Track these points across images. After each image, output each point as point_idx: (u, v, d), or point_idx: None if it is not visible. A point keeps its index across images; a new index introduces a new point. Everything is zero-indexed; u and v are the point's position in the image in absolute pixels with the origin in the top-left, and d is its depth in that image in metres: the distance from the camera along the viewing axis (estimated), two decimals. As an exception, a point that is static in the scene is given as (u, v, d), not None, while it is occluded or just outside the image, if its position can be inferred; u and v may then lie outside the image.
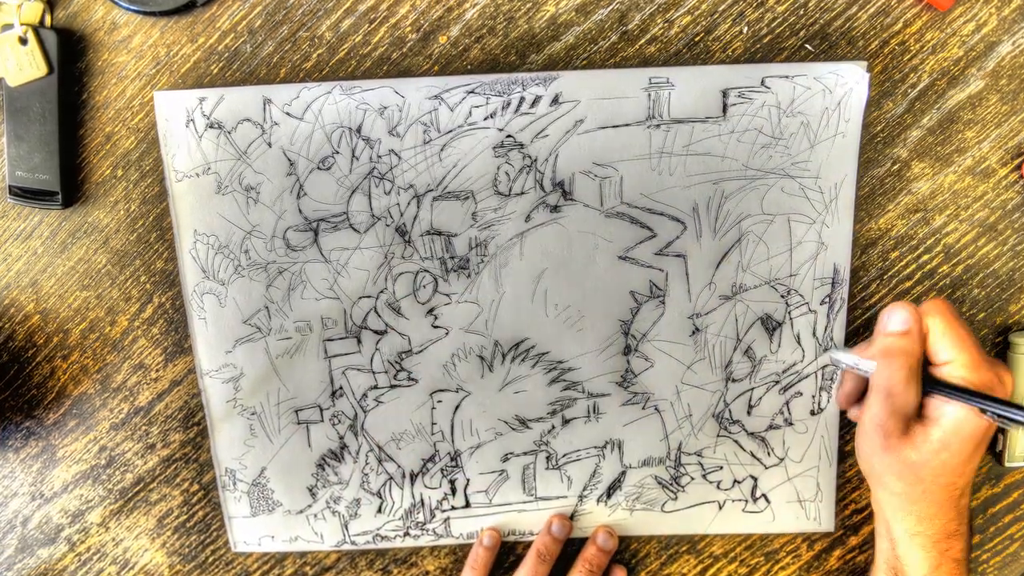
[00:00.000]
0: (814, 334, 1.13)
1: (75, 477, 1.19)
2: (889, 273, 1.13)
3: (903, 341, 1.01)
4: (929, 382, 1.01)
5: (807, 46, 1.07)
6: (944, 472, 0.99)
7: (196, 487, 1.19)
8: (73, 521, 1.20)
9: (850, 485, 1.19)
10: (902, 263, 1.12)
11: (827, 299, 1.12)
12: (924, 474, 1.00)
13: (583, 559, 1.19)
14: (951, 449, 0.98)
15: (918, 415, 1.01)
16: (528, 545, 1.20)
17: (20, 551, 1.21)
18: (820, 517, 1.20)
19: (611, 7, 1.06)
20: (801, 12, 1.06)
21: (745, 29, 1.07)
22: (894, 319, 1.03)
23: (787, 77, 1.06)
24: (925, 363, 1.02)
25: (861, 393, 1.11)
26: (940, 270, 1.12)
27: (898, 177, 1.10)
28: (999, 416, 0.95)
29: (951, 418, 0.98)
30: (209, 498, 1.19)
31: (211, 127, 1.08)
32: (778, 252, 1.10)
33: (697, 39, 1.07)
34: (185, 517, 1.20)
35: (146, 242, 1.12)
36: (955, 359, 0.99)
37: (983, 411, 0.96)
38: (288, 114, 1.07)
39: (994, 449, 1.17)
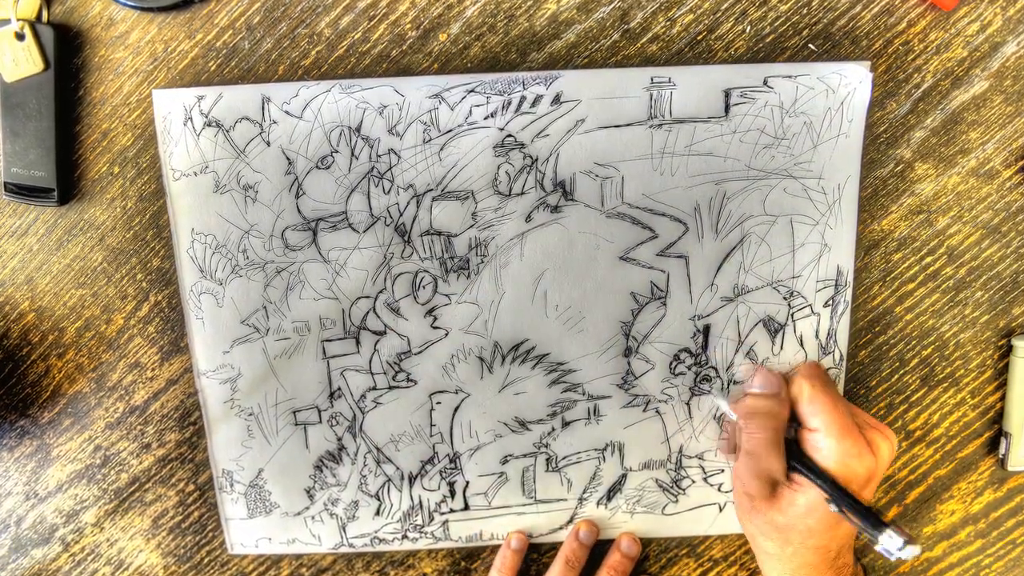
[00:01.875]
0: (817, 336, 1.13)
1: (70, 477, 1.18)
2: (892, 275, 1.12)
3: (765, 403, 1.03)
4: (793, 454, 1.01)
5: (810, 45, 1.06)
6: (812, 535, 0.99)
7: (192, 487, 1.18)
8: (67, 521, 1.19)
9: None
10: (905, 265, 1.12)
11: (830, 301, 1.12)
12: (792, 537, 1.00)
13: (607, 566, 1.19)
14: (817, 515, 0.98)
15: (788, 477, 1.01)
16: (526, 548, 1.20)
17: (14, 551, 1.21)
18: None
19: (612, 5, 1.06)
20: (804, 11, 1.06)
21: (748, 28, 1.06)
22: (757, 380, 1.06)
23: (790, 77, 1.05)
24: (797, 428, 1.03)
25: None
26: (943, 272, 1.12)
27: (901, 178, 1.09)
28: (841, 511, 0.95)
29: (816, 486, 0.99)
30: (205, 499, 1.19)
31: (209, 125, 1.07)
32: (780, 253, 1.10)
33: (699, 38, 1.06)
34: (180, 518, 1.19)
35: (142, 240, 1.11)
36: (821, 427, 0.99)
37: (828, 501, 0.96)
38: (287, 113, 1.06)
39: (997, 453, 1.16)
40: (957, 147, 1.09)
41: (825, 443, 0.97)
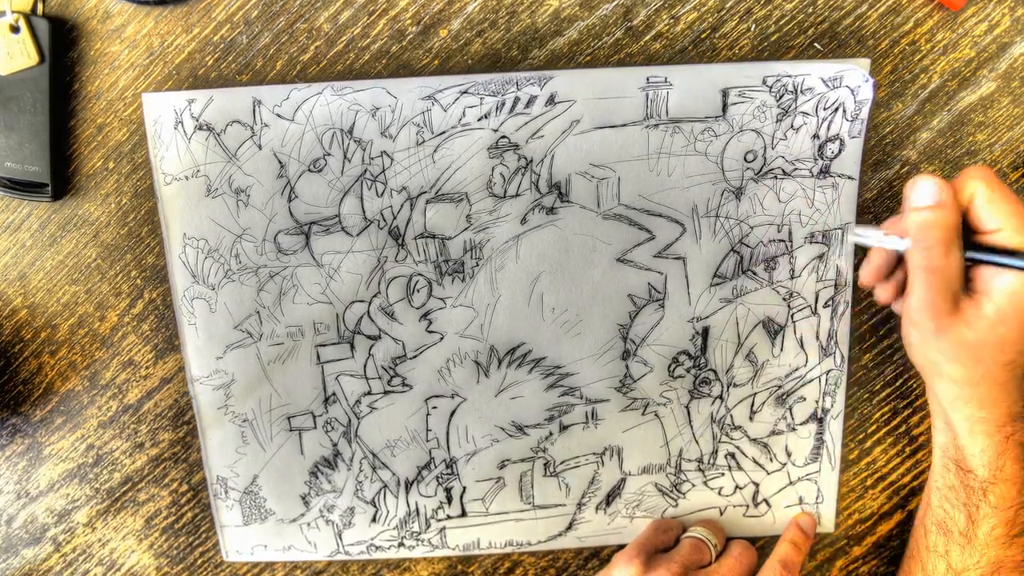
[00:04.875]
0: (817, 338, 1.12)
1: (61, 476, 1.18)
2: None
3: (937, 214, 0.94)
4: (975, 250, 0.95)
5: (816, 45, 1.05)
6: (1004, 349, 0.94)
7: (185, 487, 1.18)
8: (59, 521, 1.19)
9: (854, 494, 1.17)
10: (910, 267, 1.10)
11: (830, 302, 1.11)
12: (984, 354, 0.95)
13: (787, 540, 1.16)
14: (1008, 322, 0.93)
15: (966, 290, 0.96)
16: (525, 554, 1.19)
17: (4, 551, 1.20)
18: (821, 520, 1.19)
19: (616, 2, 1.05)
20: (810, 10, 1.05)
21: (752, 27, 1.05)
22: (922, 192, 0.96)
23: (789, 76, 1.04)
24: (968, 233, 0.96)
25: (890, 270, 1.04)
26: (949, 275, 1.10)
27: (907, 180, 1.08)
28: None
29: (1005, 288, 0.93)
30: (198, 499, 1.18)
31: (200, 129, 1.06)
32: (779, 254, 1.09)
33: (703, 36, 1.05)
34: (173, 518, 1.19)
35: (137, 236, 1.11)
36: (1004, 225, 0.93)
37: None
38: (278, 115, 1.06)
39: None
40: (964, 149, 1.08)
41: (1011, 241, 0.93)
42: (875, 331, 1.13)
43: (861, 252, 1.09)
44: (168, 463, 1.17)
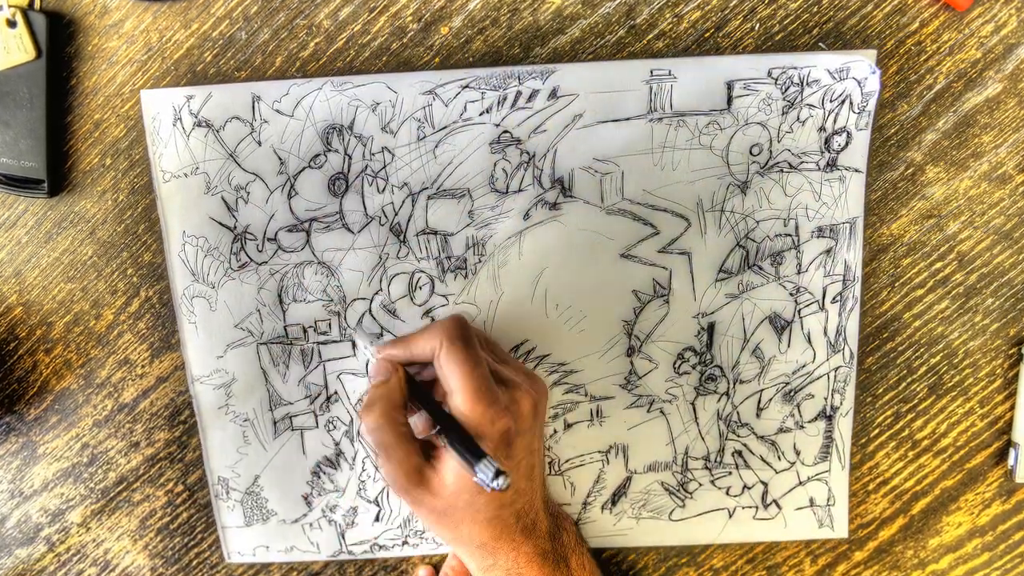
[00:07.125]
0: (825, 334, 1.11)
1: (56, 475, 1.17)
2: (901, 280, 1.10)
3: (378, 391, 0.97)
4: (438, 417, 0.95)
5: (821, 44, 1.05)
6: (478, 509, 0.95)
7: (181, 488, 1.17)
8: (53, 520, 1.18)
9: (856, 498, 1.17)
10: (914, 270, 1.10)
11: (838, 297, 1.10)
12: (458, 517, 0.96)
13: None
14: (472, 488, 0.93)
15: (431, 457, 0.97)
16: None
17: (-3, 550, 1.19)
18: (833, 523, 1.17)
19: (618, 0, 1.04)
20: (815, 9, 1.04)
21: (756, 26, 1.04)
22: (371, 371, 1.02)
23: (795, 68, 1.03)
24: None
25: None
26: (953, 278, 1.10)
27: (912, 181, 1.08)
28: (446, 441, 0.92)
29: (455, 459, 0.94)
30: (194, 499, 1.17)
31: (199, 126, 1.06)
32: (785, 248, 1.08)
33: (707, 35, 1.05)
34: (169, 519, 1.18)
35: (134, 234, 1.10)
36: (454, 388, 0.93)
37: (437, 433, 0.94)
38: (278, 111, 1.05)
39: (1006, 464, 1.14)
40: (969, 150, 1.08)
41: (457, 407, 0.92)
42: (878, 334, 1.12)
43: (869, 248, 1.09)
44: (164, 463, 1.16)
